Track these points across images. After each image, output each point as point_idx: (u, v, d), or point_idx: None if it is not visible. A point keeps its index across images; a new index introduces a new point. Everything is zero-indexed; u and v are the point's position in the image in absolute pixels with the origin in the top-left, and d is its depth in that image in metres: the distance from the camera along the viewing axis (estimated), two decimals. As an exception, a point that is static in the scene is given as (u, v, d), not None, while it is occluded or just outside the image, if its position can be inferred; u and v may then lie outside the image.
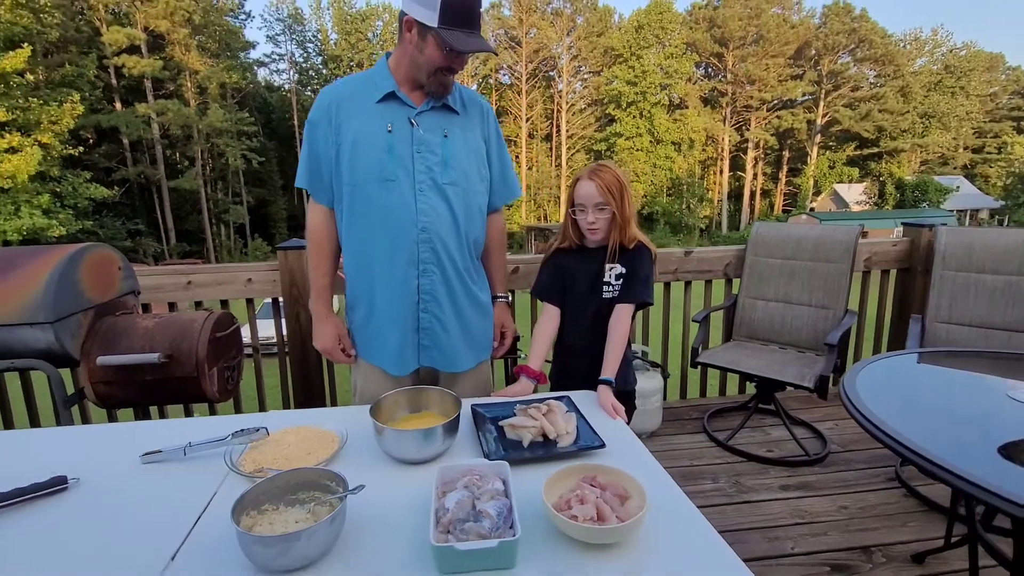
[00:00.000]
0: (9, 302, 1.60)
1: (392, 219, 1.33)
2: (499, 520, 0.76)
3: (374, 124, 1.32)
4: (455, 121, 1.39)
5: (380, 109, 1.32)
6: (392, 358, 1.42)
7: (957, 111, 37.38)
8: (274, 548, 0.71)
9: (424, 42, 1.25)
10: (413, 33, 1.25)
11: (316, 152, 1.37)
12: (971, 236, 2.29)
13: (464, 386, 1.49)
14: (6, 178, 16.40)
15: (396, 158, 1.31)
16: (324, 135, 1.34)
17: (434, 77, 1.29)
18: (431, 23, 1.20)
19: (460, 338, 1.46)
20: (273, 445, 1.04)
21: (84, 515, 0.87)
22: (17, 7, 17.44)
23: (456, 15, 1.20)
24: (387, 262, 1.36)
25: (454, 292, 1.42)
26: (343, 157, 1.33)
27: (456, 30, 1.21)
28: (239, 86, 29.94)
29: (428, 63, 1.27)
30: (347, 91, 1.35)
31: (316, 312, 1.46)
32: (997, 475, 0.97)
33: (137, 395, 1.79)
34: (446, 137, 1.36)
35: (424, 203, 1.33)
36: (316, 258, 1.44)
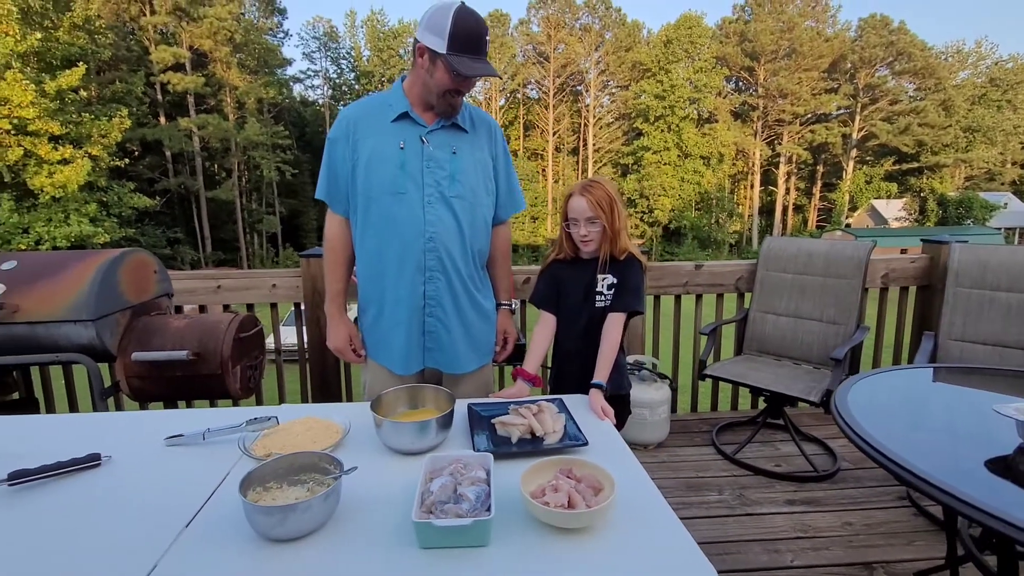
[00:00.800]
0: (57, 301, 1.76)
1: (402, 229, 1.43)
2: (477, 503, 0.83)
3: (388, 142, 1.43)
4: (464, 139, 1.49)
5: (394, 128, 1.44)
6: (398, 359, 1.52)
7: (1004, 125, 35.89)
8: (273, 517, 0.79)
9: (434, 67, 1.35)
10: (424, 59, 1.37)
11: (334, 167, 1.49)
12: (985, 253, 2.25)
13: (466, 387, 1.57)
14: (58, 188, 17.48)
15: (407, 173, 1.42)
16: (342, 151, 1.46)
17: (443, 99, 1.40)
18: (440, 50, 1.31)
19: (463, 341, 1.55)
20: (282, 433, 1.14)
21: (114, 487, 0.98)
22: (75, 28, 18.70)
23: (463, 43, 1.31)
24: (396, 269, 1.46)
25: (458, 298, 1.51)
26: (359, 172, 1.44)
27: (463, 56, 1.32)
28: (275, 101, 31.22)
29: (438, 86, 1.37)
30: (364, 111, 1.47)
31: (330, 314, 1.59)
32: (982, 490, 0.98)
33: (166, 390, 1.93)
34: (454, 154, 1.46)
35: (432, 215, 1.44)
36: (332, 264, 1.57)
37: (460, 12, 1.30)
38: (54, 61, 18.08)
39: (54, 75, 17.33)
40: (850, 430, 1.18)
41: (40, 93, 16.60)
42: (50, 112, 16.98)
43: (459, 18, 1.30)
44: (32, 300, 1.73)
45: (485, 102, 39.20)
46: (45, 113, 16.76)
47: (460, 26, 1.30)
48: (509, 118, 40.09)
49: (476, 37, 1.33)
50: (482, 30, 1.35)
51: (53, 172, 17.36)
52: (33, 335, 1.72)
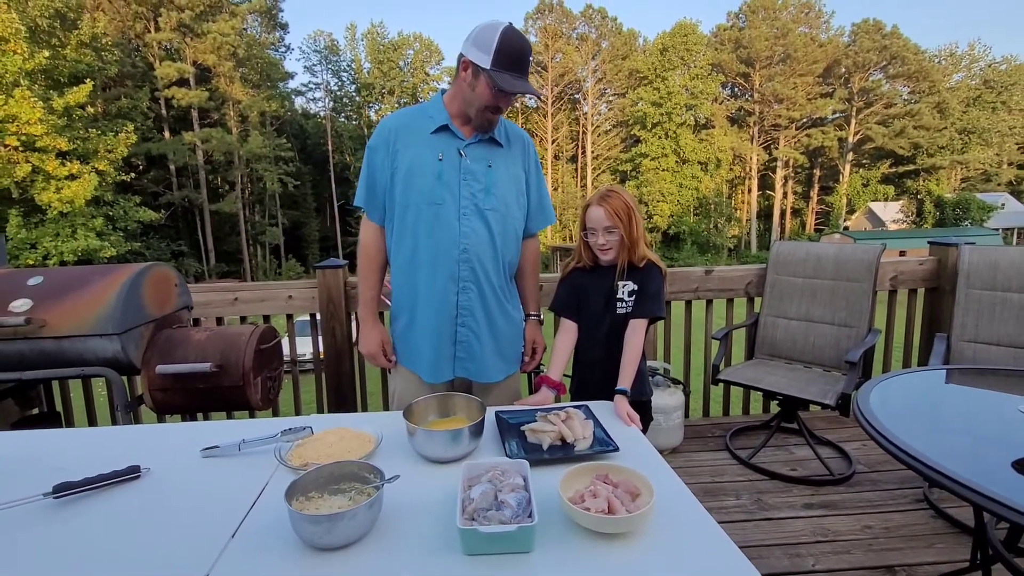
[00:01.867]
0: (82, 315, 1.78)
1: (437, 239, 1.47)
2: (519, 509, 0.85)
3: (427, 153, 1.46)
4: (499, 153, 1.53)
5: (433, 139, 1.47)
6: (428, 366, 1.54)
7: (999, 126, 36.05)
8: (321, 526, 0.81)
9: (476, 81, 1.39)
10: (468, 72, 1.40)
11: (373, 175, 1.52)
12: (995, 254, 2.27)
13: (495, 396, 1.60)
14: (66, 203, 17.59)
15: (444, 184, 1.46)
16: (381, 160, 1.49)
17: (482, 114, 1.43)
18: (485, 65, 1.35)
19: (493, 351, 1.58)
20: (317, 443, 1.16)
21: (156, 499, 1.00)
22: (81, 46, 18.93)
23: (507, 60, 1.35)
24: (430, 277, 1.49)
25: (489, 308, 1.54)
26: (397, 180, 1.48)
27: (505, 73, 1.36)
28: (278, 114, 31.48)
29: (478, 100, 1.41)
30: (404, 122, 1.51)
31: (363, 319, 1.60)
32: (1011, 490, 0.99)
33: (188, 402, 1.95)
34: (490, 167, 1.50)
35: (467, 226, 1.47)
36: (366, 271, 1.59)
37: (507, 31, 1.35)
38: (61, 78, 18.29)
39: (61, 92, 17.54)
40: (876, 432, 1.19)
41: (48, 110, 16.77)
42: (58, 128, 17.15)
43: (506, 37, 1.34)
44: (58, 315, 1.75)
45: (484, 112, 39.39)
46: (53, 129, 16.91)
47: (506, 44, 1.34)
48: (508, 127, 40.23)
49: (520, 56, 1.37)
50: (527, 50, 1.39)
51: (61, 188, 17.50)
52: (59, 349, 1.75)
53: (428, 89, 39.87)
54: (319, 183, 35.86)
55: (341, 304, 2.51)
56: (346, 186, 35.83)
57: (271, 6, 31.55)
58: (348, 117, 38.58)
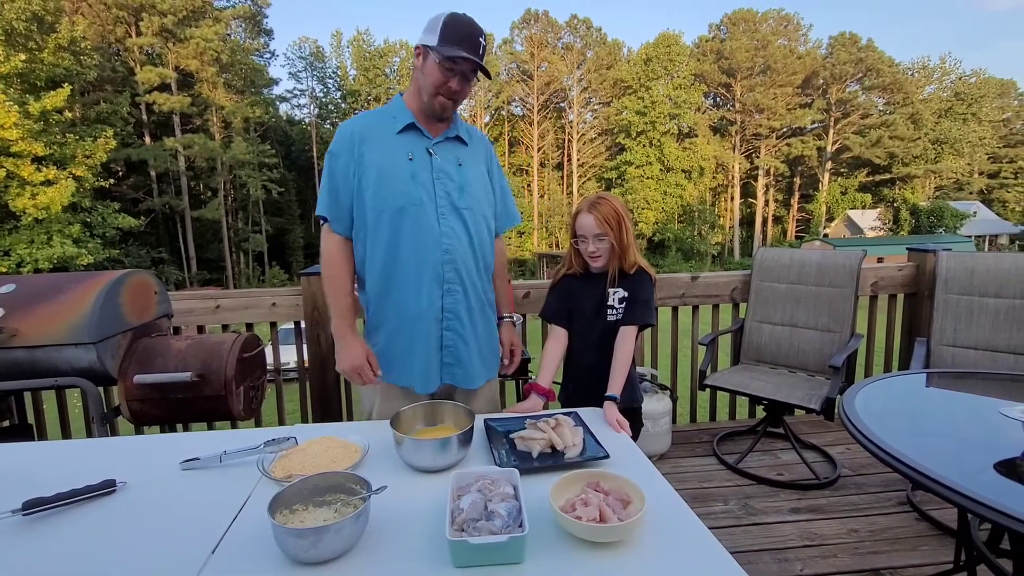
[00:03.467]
0: (57, 324, 1.73)
1: (419, 241, 1.41)
2: (509, 519, 0.83)
3: (396, 153, 1.41)
4: (466, 151, 1.51)
5: (400, 140, 1.42)
6: (419, 376, 1.47)
7: (970, 137, 37.29)
8: (306, 540, 0.79)
9: (425, 62, 1.38)
10: (419, 59, 1.40)
11: (336, 182, 1.43)
12: (972, 260, 2.33)
13: (479, 402, 1.56)
14: (41, 209, 17.15)
15: (419, 184, 1.41)
16: (345, 166, 1.41)
17: (434, 99, 1.38)
18: (432, 43, 1.34)
19: (477, 355, 1.53)
20: (301, 454, 1.13)
21: (132, 514, 0.96)
22: (59, 50, 18.56)
23: (454, 36, 1.34)
24: (414, 282, 1.42)
25: (472, 310, 1.50)
26: (367, 185, 1.40)
27: (453, 47, 1.33)
28: (262, 120, 31.15)
29: (428, 83, 1.37)
30: (367, 124, 1.44)
31: (341, 334, 1.45)
32: (994, 492, 1.01)
33: (168, 413, 1.89)
34: (460, 165, 1.47)
35: (446, 226, 1.43)
36: (335, 282, 1.47)
37: (454, 13, 1.36)
38: (38, 82, 17.86)
39: (38, 96, 17.11)
40: (863, 436, 1.20)
41: (24, 114, 16.36)
42: (34, 133, 16.72)
43: (452, 16, 1.35)
44: (31, 324, 1.69)
45: (471, 118, 39.59)
46: (28, 134, 16.49)
47: (452, 21, 1.34)
48: (494, 134, 40.47)
49: (468, 33, 1.35)
50: (474, 28, 1.37)
51: (36, 193, 17.05)
52: (32, 359, 1.69)
53: (414, 96, 39.81)
54: (304, 190, 35.53)
55: (326, 312, 2.47)
56: (331, 193, 35.37)
57: (255, 12, 31.33)
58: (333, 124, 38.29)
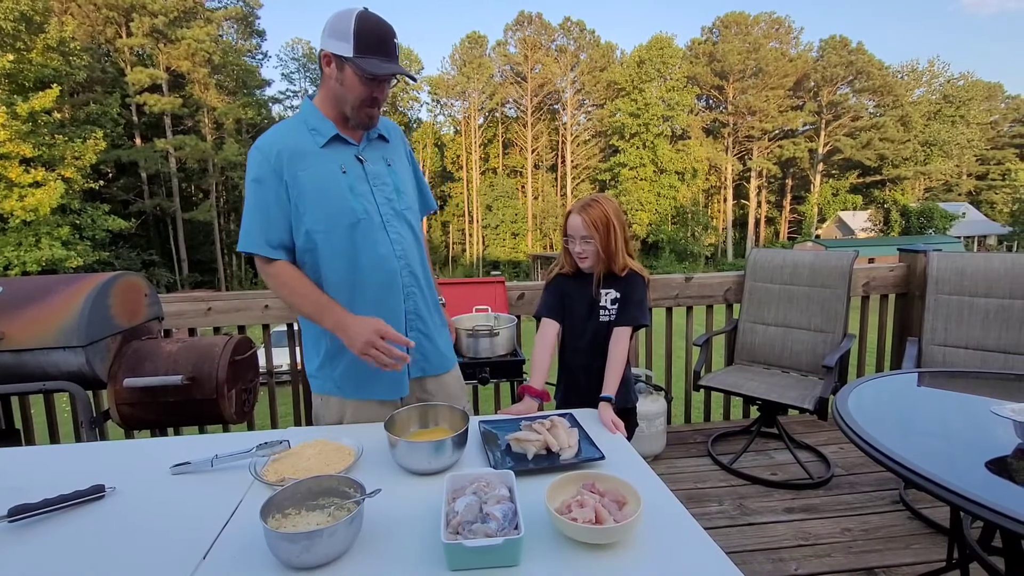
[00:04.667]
0: (45, 327, 1.70)
1: (373, 254, 1.34)
2: (504, 522, 0.83)
3: (327, 168, 1.31)
4: (389, 149, 1.45)
5: (326, 153, 1.32)
6: (390, 386, 1.42)
7: (958, 139, 37.76)
8: (298, 544, 0.77)
9: (343, 73, 1.27)
10: (332, 67, 1.28)
11: (269, 210, 1.30)
12: (962, 261, 2.36)
13: (451, 383, 1.54)
14: (29, 211, 16.95)
15: (359, 196, 1.33)
16: (275, 192, 1.30)
17: (359, 111, 1.31)
18: (347, 54, 1.23)
19: (441, 340, 1.52)
20: (294, 457, 1.11)
21: (121, 519, 0.94)
22: (48, 50, 18.37)
23: (369, 44, 1.24)
24: (379, 295, 1.37)
25: (428, 304, 1.48)
26: (305, 207, 1.30)
27: (371, 57, 1.24)
28: (254, 121, 30.97)
29: (351, 96, 1.28)
30: (286, 143, 1.31)
31: (339, 319, 1.30)
32: (986, 490, 1.01)
33: (158, 416, 1.87)
34: (389, 166, 1.42)
35: (394, 232, 1.38)
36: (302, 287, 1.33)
37: (362, 13, 1.24)
38: (26, 83, 17.67)
39: (26, 97, 16.93)
40: (856, 436, 1.21)
41: (11, 115, 16.18)
42: (22, 134, 16.54)
43: (362, 19, 1.23)
44: (18, 327, 1.67)
45: (464, 121, 39.62)
46: (16, 135, 16.32)
47: (364, 26, 1.23)
48: (488, 136, 40.53)
49: (383, 37, 1.26)
50: (388, 30, 1.28)
51: (24, 195, 16.86)
52: (20, 363, 1.66)
53: (408, 98, 39.87)
54: (297, 191, 35.31)
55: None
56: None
57: (247, 13, 31.19)
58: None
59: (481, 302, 2.53)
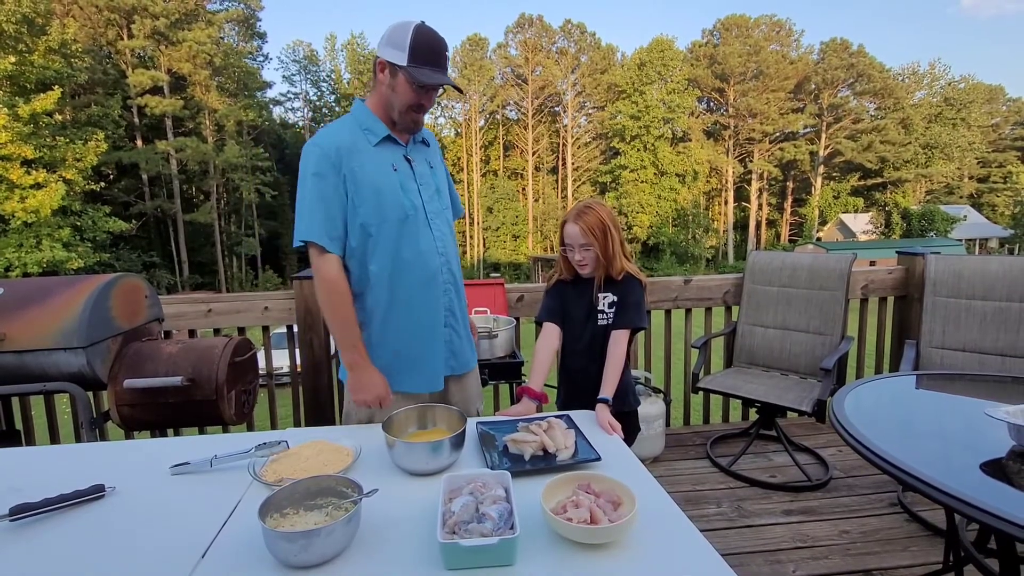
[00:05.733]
0: (46, 328, 1.71)
1: (420, 249, 1.45)
2: (500, 522, 0.83)
3: (381, 166, 1.41)
4: (430, 153, 1.55)
5: (379, 152, 1.42)
6: (428, 380, 1.51)
7: (959, 142, 37.75)
8: (296, 544, 0.78)
9: (395, 80, 1.36)
10: (385, 74, 1.38)
11: (330, 203, 1.38)
12: (959, 264, 2.36)
13: (470, 384, 1.62)
14: (30, 212, 16.98)
15: (408, 193, 1.44)
16: (335, 185, 1.37)
17: (406, 115, 1.40)
18: (401, 62, 1.33)
19: (467, 342, 1.60)
20: (292, 458, 1.12)
21: (121, 519, 0.95)
22: (50, 52, 18.43)
23: (423, 54, 1.33)
24: (423, 289, 1.46)
25: (461, 302, 1.57)
26: (361, 201, 1.38)
27: (424, 67, 1.33)
28: (255, 123, 31.05)
29: (400, 101, 1.38)
30: (344, 140, 1.39)
31: (357, 363, 1.41)
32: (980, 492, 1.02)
33: (158, 417, 1.88)
34: (432, 169, 1.52)
35: (437, 230, 1.48)
36: (344, 309, 1.40)
37: (420, 26, 1.34)
38: (28, 84, 17.73)
39: (28, 99, 16.99)
40: (851, 438, 1.21)
41: (13, 117, 16.23)
42: (23, 136, 16.59)
43: (419, 32, 1.33)
44: (19, 328, 1.68)
45: (465, 123, 39.68)
46: (18, 137, 16.36)
47: (420, 39, 1.32)
48: (489, 138, 40.59)
49: (436, 50, 1.35)
50: (442, 44, 1.37)
51: (25, 197, 16.90)
52: (20, 364, 1.67)
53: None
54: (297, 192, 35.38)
55: (319, 315, 2.46)
56: (325, 196, 35.29)
57: (248, 15, 31.27)
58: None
59: (480, 304, 2.54)
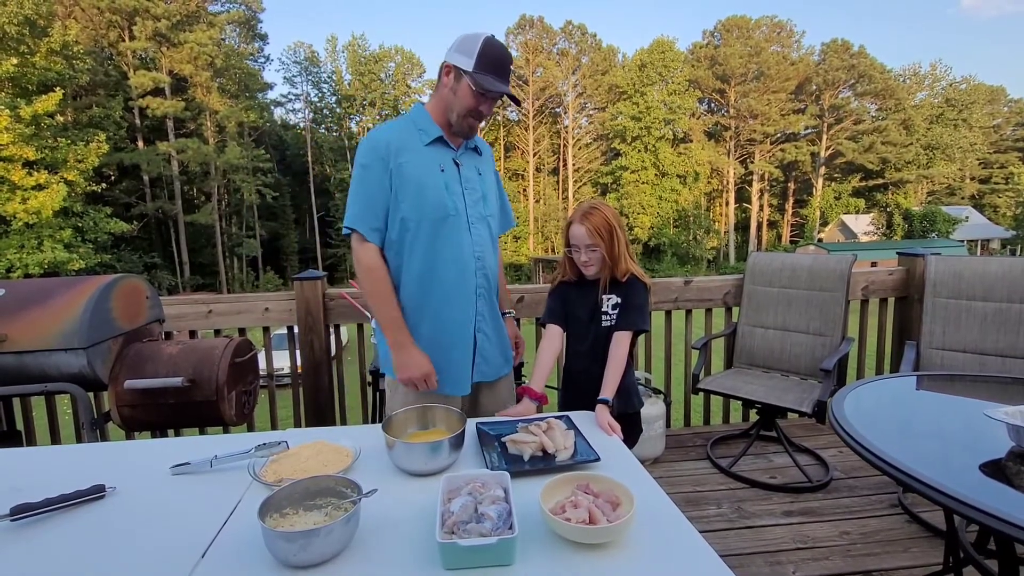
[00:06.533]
0: (46, 329, 1.72)
1: (456, 250, 1.47)
2: (499, 521, 0.84)
3: (429, 165, 1.45)
4: (480, 161, 1.58)
5: (429, 152, 1.46)
6: (455, 381, 1.53)
7: (961, 143, 37.73)
8: (295, 543, 0.78)
9: (458, 84, 1.41)
10: (450, 77, 1.43)
11: (372, 193, 1.43)
12: (959, 265, 2.36)
13: (502, 390, 1.64)
14: (32, 214, 17.03)
15: (452, 195, 1.47)
16: (379, 177, 1.42)
17: (464, 119, 1.44)
18: (467, 68, 1.38)
19: (498, 349, 1.62)
20: (292, 458, 1.12)
21: (122, 519, 0.95)
22: (52, 54, 18.48)
23: (489, 64, 1.39)
24: (456, 290, 1.49)
25: (494, 310, 1.60)
26: (404, 196, 1.42)
27: (488, 76, 1.39)
28: (256, 124, 31.12)
29: (460, 104, 1.42)
30: (396, 136, 1.45)
31: (401, 343, 1.46)
32: (979, 493, 1.02)
33: (158, 418, 1.88)
34: (480, 175, 1.55)
35: (476, 234, 1.51)
36: (384, 293, 1.45)
37: (489, 38, 1.41)
38: (30, 86, 17.80)
39: (30, 100, 17.05)
40: (851, 439, 1.21)
41: (15, 118, 16.28)
42: (25, 137, 16.65)
43: (488, 43, 1.39)
44: (20, 329, 1.68)
45: (466, 124, 39.62)
46: (19, 138, 16.43)
47: (488, 49, 1.39)
48: (490, 139, 40.62)
49: (502, 61, 1.42)
50: (508, 57, 1.44)
51: (27, 198, 16.96)
52: (21, 365, 1.67)
53: (409, 102, 39.94)
54: (298, 194, 35.50)
55: (320, 316, 2.47)
56: (326, 197, 35.51)
57: (250, 17, 31.36)
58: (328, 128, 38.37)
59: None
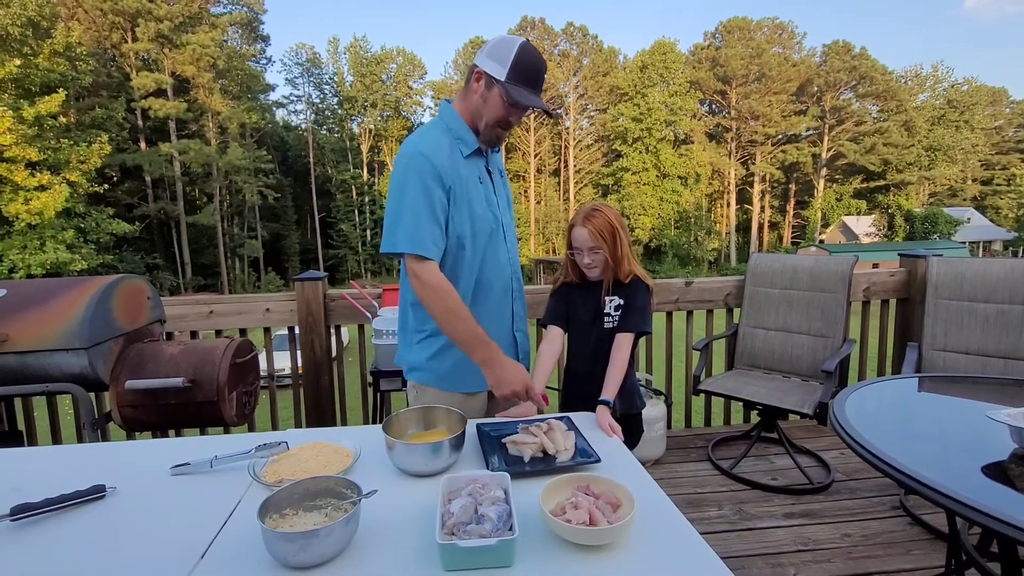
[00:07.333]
0: (48, 329, 1.72)
1: (496, 260, 1.48)
2: (499, 523, 0.83)
3: (471, 178, 1.40)
4: (497, 159, 1.57)
5: (469, 163, 1.41)
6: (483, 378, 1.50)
7: (962, 144, 37.66)
8: (295, 544, 0.78)
9: (489, 92, 1.34)
10: (481, 84, 1.35)
11: (436, 213, 1.34)
12: (961, 266, 2.36)
13: None
14: (35, 214, 17.08)
15: (491, 206, 1.46)
16: (439, 196, 1.34)
17: (492, 129, 1.38)
18: (499, 76, 1.31)
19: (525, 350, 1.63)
20: (292, 459, 1.12)
21: (121, 519, 0.95)
22: (55, 55, 18.55)
23: (523, 74, 1.32)
24: (495, 299, 1.49)
25: (524, 309, 1.61)
26: (458, 215, 1.37)
27: (520, 86, 1.33)
28: (258, 126, 31.19)
29: (490, 114, 1.36)
30: (445, 152, 1.37)
31: (496, 359, 1.36)
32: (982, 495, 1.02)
33: (159, 418, 1.88)
34: (502, 178, 1.56)
35: (510, 241, 1.53)
36: (459, 307, 1.35)
37: (525, 45, 1.34)
38: (33, 87, 17.86)
39: (32, 101, 17.11)
40: (852, 440, 1.21)
41: (18, 119, 16.34)
42: (28, 138, 16.72)
43: (523, 50, 1.32)
44: (22, 329, 1.69)
45: (467, 126, 39.67)
46: (22, 139, 16.49)
47: (523, 57, 1.32)
48: (491, 141, 40.55)
49: (536, 72, 1.35)
50: (542, 67, 1.37)
51: (29, 199, 17.02)
52: (23, 365, 1.68)
53: (411, 103, 40.01)
54: (300, 195, 35.58)
55: (320, 317, 2.47)
56: (327, 198, 35.59)
57: (252, 18, 31.45)
58: (330, 130, 38.46)
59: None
